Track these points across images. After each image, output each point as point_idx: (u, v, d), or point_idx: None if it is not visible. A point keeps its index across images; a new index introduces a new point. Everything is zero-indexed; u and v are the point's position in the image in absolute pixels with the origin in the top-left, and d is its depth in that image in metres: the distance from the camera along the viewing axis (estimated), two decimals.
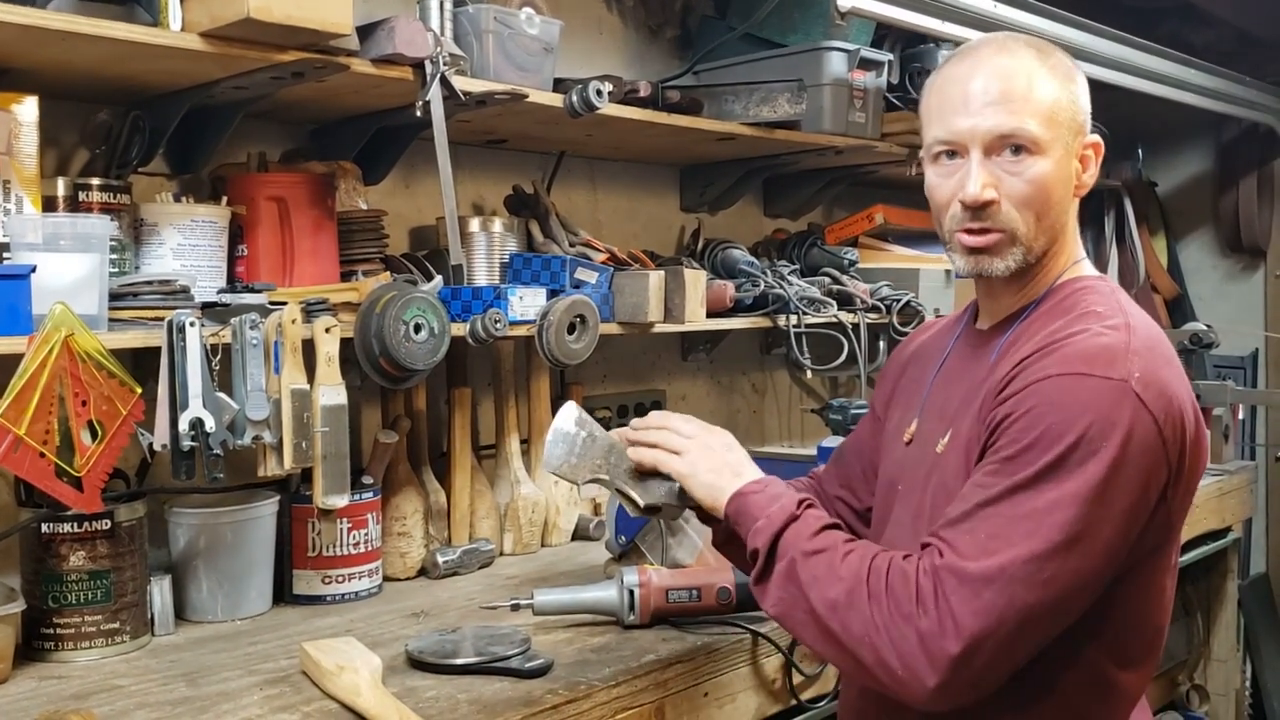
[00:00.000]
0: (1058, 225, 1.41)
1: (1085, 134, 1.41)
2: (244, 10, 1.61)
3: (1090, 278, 1.45)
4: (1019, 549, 1.21)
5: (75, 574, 1.72)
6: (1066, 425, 1.23)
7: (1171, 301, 4.34)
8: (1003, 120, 1.36)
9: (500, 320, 2.10)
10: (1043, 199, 1.38)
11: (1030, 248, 1.40)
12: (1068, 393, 1.25)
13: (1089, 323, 1.33)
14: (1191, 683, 3.40)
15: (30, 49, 1.65)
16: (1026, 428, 1.26)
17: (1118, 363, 1.26)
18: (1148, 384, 1.26)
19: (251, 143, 2.15)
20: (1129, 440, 1.23)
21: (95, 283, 1.69)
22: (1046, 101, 1.37)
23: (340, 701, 1.53)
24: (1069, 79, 1.40)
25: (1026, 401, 1.27)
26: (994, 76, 1.38)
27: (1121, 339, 1.30)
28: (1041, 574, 1.21)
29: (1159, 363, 1.30)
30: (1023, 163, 1.36)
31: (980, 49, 1.43)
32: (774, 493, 1.44)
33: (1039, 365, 1.29)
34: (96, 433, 1.64)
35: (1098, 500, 1.22)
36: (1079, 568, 1.22)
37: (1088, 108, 1.42)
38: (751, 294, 2.72)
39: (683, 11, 3.01)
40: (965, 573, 1.22)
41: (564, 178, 2.72)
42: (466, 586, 2.17)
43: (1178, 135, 4.32)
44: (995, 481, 1.26)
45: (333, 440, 1.89)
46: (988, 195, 1.37)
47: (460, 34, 2.10)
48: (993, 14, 2.61)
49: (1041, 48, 1.42)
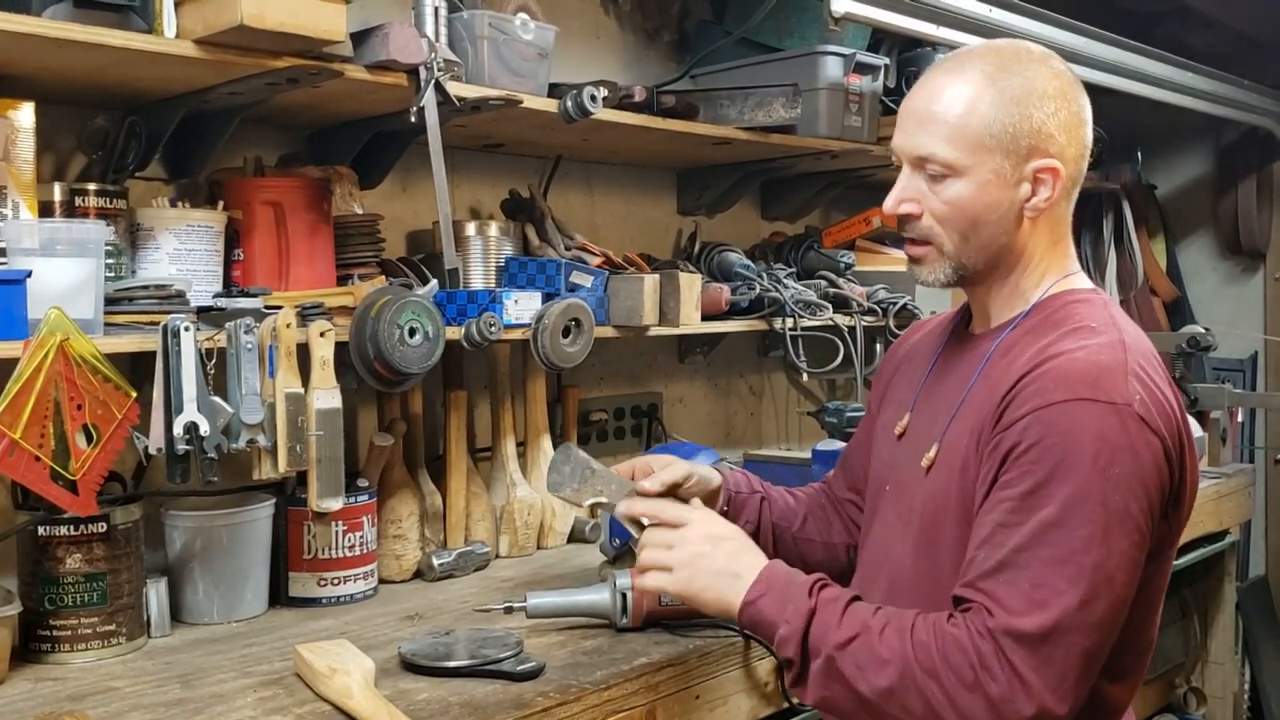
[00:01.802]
0: (997, 246, 1.41)
1: (1041, 157, 1.38)
2: (237, 18, 1.62)
3: (1083, 290, 1.45)
4: (1067, 597, 1.22)
5: (71, 576, 1.73)
6: (1081, 456, 1.24)
7: (1170, 304, 4.34)
8: (920, 142, 1.40)
9: (495, 324, 2.11)
10: (964, 220, 1.39)
11: (962, 264, 1.42)
12: (1076, 422, 1.25)
13: (1083, 338, 1.33)
14: (1189, 685, 3.41)
15: (26, 56, 1.66)
16: (1039, 460, 1.26)
17: (1119, 385, 1.27)
18: (1149, 405, 1.27)
19: (248, 148, 2.16)
20: (1142, 466, 1.25)
21: (91, 287, 1.70)
22: (973, 126, 1.36)
23: (332, 704, 1.54)
24: (1020, 102, 1.37)
25: (1033, 430, 1.27)
26: (928, 97, 1.41)
27: (1119, 358, 1.30)
28: (1092, 616, 1.23)
29: (1157, 380, 1.31)
30: (941, 183, 1.39)
31: (940, 65, 1.45)
32: (781, 590, 1.38)
33: (1039, 389, 1.29)
34: (92, 436, 1.66)
35: (1123, 531, 1.24)
36: (1120, 598, 1.25)
37: (1053, 129, 1.38)
38: (747, 297, 2.73)
39: (680, 16, 3.02)
40: (1022, 633, 1.22)
41: (561, 181, 2.73)
42: (462, 589, 2.18)
43: (1177, 138, 4.33)
44: (1021, 520, 1.25)
45: (327, 444, 1.90)
46: (901, 210, 1.43)
47: (455, 39, 2.11)
48: (987, 18, 2.62)
49: (1005, 67, 1.39)
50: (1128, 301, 4.17)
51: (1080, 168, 1.43)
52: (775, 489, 1.79)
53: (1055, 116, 1.38)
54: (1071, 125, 1.40)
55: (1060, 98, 1.39)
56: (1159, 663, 3.27)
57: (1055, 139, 1.38)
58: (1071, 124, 1.40)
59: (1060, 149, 1.39)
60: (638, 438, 2.96)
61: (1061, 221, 1.46)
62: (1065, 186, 1.42)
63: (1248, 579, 4.01)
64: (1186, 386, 3.37)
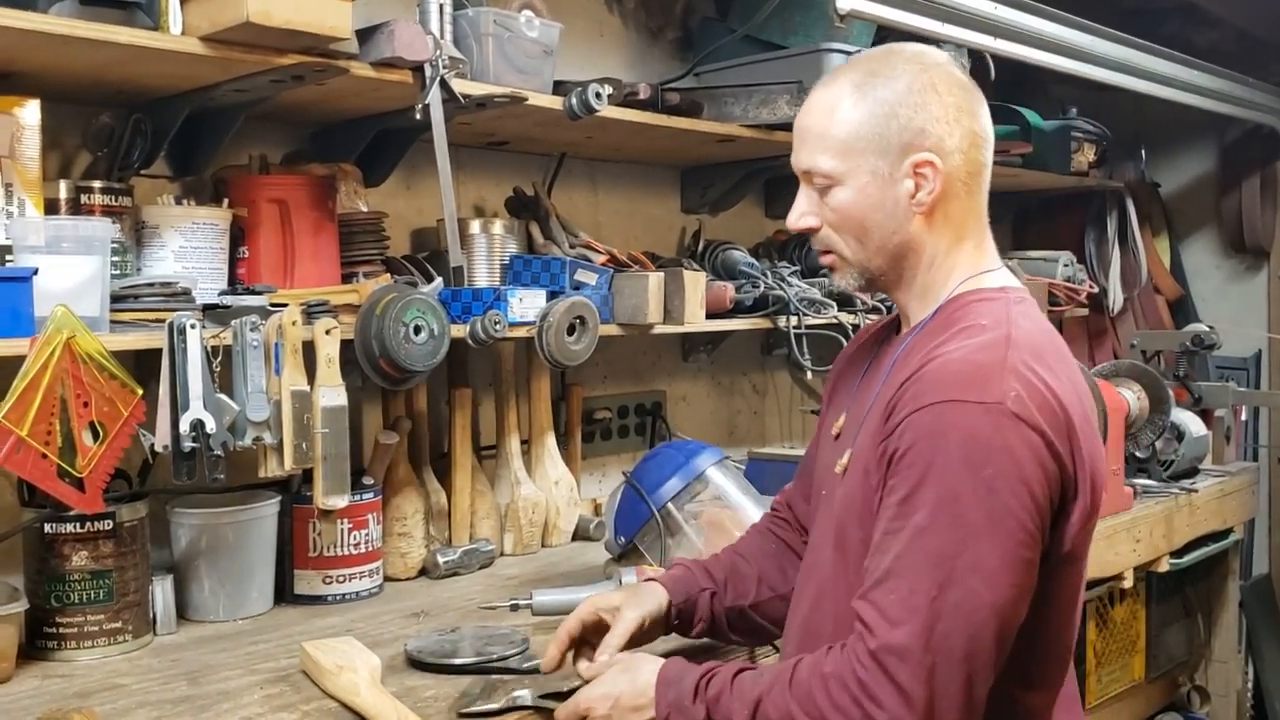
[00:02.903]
0: (892, 245, 1.41)
1: (917, 151, 1.37)
2: (243, 15, 1.62)
3: (989, 289, 1.41)
4: (941, 601, 1.19)
5: (78, 574, 1.73)
6: (950, 458, 1.22)
7: (1174, 302, 4.34)
8: (801, 158, 1.44)
9: (499, 322, 2.11)
10: (854, 224, 1.41)
11: (865, 268, 1.44)
12: (945, 423, 1.24)
13: (967, 337, 1.32)
14: (1192, 684, 3.40)
15: (32, 53, 1.66)
16: (911, 465, 1.25)
17: (992, 383, 1.25)
18: (1026, 400, 1.24)
19: (253, 145, 2.16)
20: (1019, 464, 1.22)
21: (97, 285, 1.70)
22: (843, 133, 1.39)
23: (339, 700, 1.55)
24: (884, 103, 1.37)
25: (907, 435, 1.26)
26: (804, 112, 1.44)
27: (997, 355, 1.28)
28: (974, 619, 1.20)
29: (1044, 374, 1.28)
30: (828, 194, 1.42)
31: (819, 82, 1.46)
32: (678, 705, 1.35)
33: (915, 392, 1.28)
34: (98, 434, 1.66)
35: (1004, 531, 1.21)
36: (1006, 599, 1.21)
37: (924, 123, 1.37)
38: (752, 295, 2.73)
39: (684, 13, 3.02)
40: (900, 646, 1.19)
41: (565, 179, 2.73)
42: (467, 587, 2.19)
43: (1180, 136, 4.32)
44: (899, 527, 1.24)
45: (333, 441, 1.90)
46: (801, 224, 1.45)
47: (460, 37, 2.11)
48: (992, 15, 2.61)
49: (872, 72, 1.40)
50: (1131, 300, 4.17)
51: (974, 158, 1.40)
52: (724, 563, 1.70)
53: (925, 110, 1.37)
54: (948, 117, 1.38)
55: (930, 91, 1.38)
56: (1163, 661, 3.27)
57: (929, 133, 1.37)
58: (948, 116, 1.38)
59: (937, 142, 1.37)
60: (641, 436, 2.96)
61: (967, 217, 1.43)
62: (959, 178, 1.39)
63: (1251, 577, 4.01)
64: (1190, 385, 3.37)
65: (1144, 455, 3.07)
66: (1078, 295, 3.66)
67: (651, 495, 2.10)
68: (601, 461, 2.87)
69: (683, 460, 2.17)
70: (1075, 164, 3.73)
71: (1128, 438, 2.97)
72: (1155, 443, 3.07)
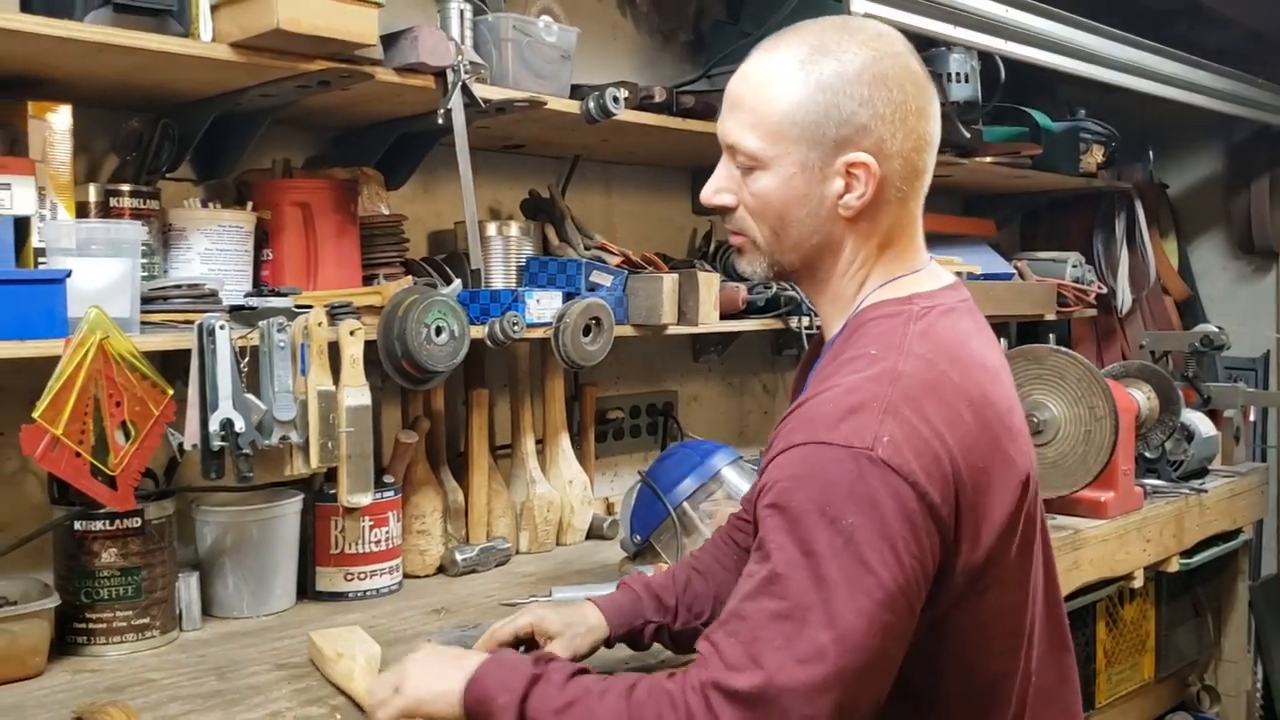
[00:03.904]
0: (809, 245, 1.31)
1: (853, 150, 1.25)
2: (273, 22, 1.65)
3: (890, 303, 1.30)
4: (783, 655, 1.09)
5: (107, 570, 1.77)
6: (808, 505, 1.12)
7: (1182, 303, 4.35)
8: (729, 128, 1.32)
9: (517, 323, 2.14)
10: (772, 214, 1.30)
11: (775, 260, 1.33)
12: (808, 466, 1.14)
13: (852, 370, 1.21)
14: (1202, 683, 3.43)
15: (66, 59, 1.69)
16: (771, 506, 1.15)
17: (865, 427, 1.14)
18: (900, 444, 1.14)
19: (277, 149, 2.19)
20: (882, 516, 1.12)
21: (127, 287, 1.73)
22: (777, 114, 1.26)
23: (336, 686, 1.59)
24: (829, 89, 1.24)
25: (772, 474, 1.17)
26: (740, 78, 1.31)
27: (876, 392, 1.17)
28: (811, 679, 1.09)
29: (928, 412, 1.17)
30: (750, 174, 1.30)
31: (761, 43, 1.33)
32: (506, 664, 1.27)
33: (788, 430, 1.19)
34: (129, 433, 1.69)
35: (860, 587, 1.10)
36: (863, 664, 1.11)
37: (866, 119, 1.25)
38: (763, 296, 2.75)
39: (695, 17, 3.04)
40: (733, 690, 1.10)
41: (579, 181, 2.75)
42: (484, 584, 2.21)
43: (1189, 137, 4.34)
44: (753, 570, 1.15)
45: (357, 440, 1.93)
46: (715, 200, 1.35)
47: (480, 42, 2.14)
48: (1003, 18, 2.64)
49: (822, 48, 1.26)
50: (1140, 300, 4.19)
51: (914, 163, 1.29)
52: (679, 580, 1.62)
53: (870, 105, 1.24)
54: (895, 116, 1.25)
55: (879, 84, 1.25)
56: (1173, 660, 3.29)
57: (871, 131, 1.25)
58: (895, 115, 1.25)
59: (877, 143, 1.25)
60: (653, 435, 2.99)
61: (897, 223, 1.32)
62: (894, 184, 1.28)
63: (1260, 577, 4.03)
64: (1199, 385, 3.39)
65: (1154, 455, 3.09)
66: (1086, 296, 3.69)
67: (667, 495, 2.13)
68: (614, 461, 2.90)
69: (698, 460, 2.19)
70: (1084, 165, 3.76)
71: (1138, 438, 3.00)
72: (1165, 443, 3.09)
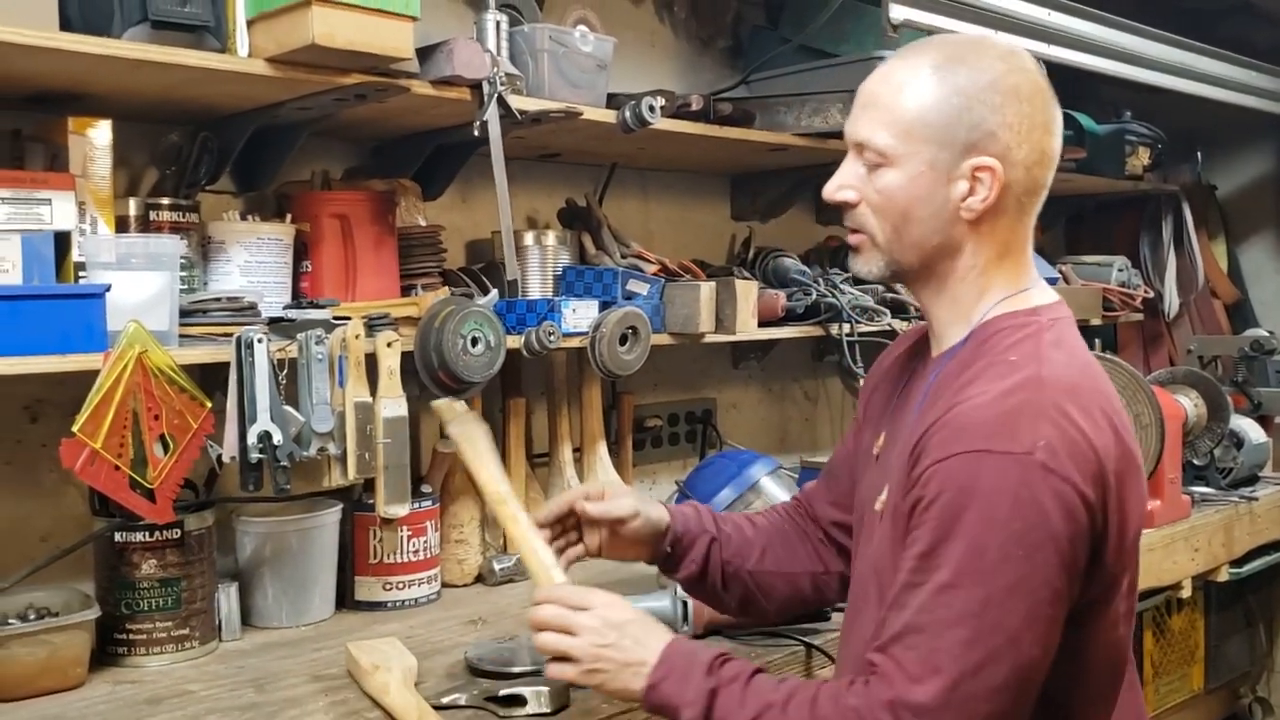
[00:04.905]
0: (930, 246, 1.34)
1: (980, 154, 1.29)
2: (309, 37, 1.66)
3: (1021, 313, 1.34)
4: (963, 661, 1.16)
5: (147, 581, 1.78)
6: (976, 514, 1.17)
7: (1232, 307, 4.27)
8: (859, 127, 1.35)
9: (554, 332, 2.14)
10: (895, 211, 1.33)
11: (894, 259, 1.36)
12: (972, 475, 1.19)
13: (995, 379, 1.25)
14: (1254, 695, 3.37)
15: (106, 76, 1.70)
16: (936, 518, 1.20)
17: (1021, 433, 1.19)
18: (1058, 448, 1.19)
19: (315, 161, 2.21)
20: (1048, 518, 1.17)
21: (166, 300, 1.75)
22: (909, 113, 1.30)
23: (372, 699, 1.60)
24: (963, 93, 1.29)
25: (932, 486, 1.21)
26: (876, 80, 1.36)
27: (1028, 399, 1.22)
28: (994, 680, 1.16)
29: (1077, 418, 1.22)
30: (876, 171, 1.33)
31: (899, 50, 1.39)
32: (683, 671, 1.30)
33: (941, 440, 1.23)
34: (168, 446, 1.70)
35: (1028, 589, 1.17)
36: (1029, 659, 1.18)
37: (995, 127, 1.29)
38: (803, 303, 2.73)
39: (734, 23, 3.03)
40: (917, 704, 1.16)
41: (616, 189, 2.75)
42: (522, 593, 2.21)
43: (1238, 137, 4.26)
44: (921, 580, 1.20)
45: (394, 451, 1.94)
46: (838, 196, 1.37)
47: (516, 53, 2.13)
48: (1046, 22, 2.60)
49: (957, 57, 1.32)
50: (1187, 304, 4.12)
51: (1036, 177, 1.33)
52: (732, 521, 1.67)
53: (1000, 113, 1.29)
54: (1023, 128, 1.30)
55: (1011, 95, 1.30)
56: (1223, 671, 3.23)
57: (999, 138, 1.29)
58: (1023, 126, 1.30)
59: (1003, 151, 1.30)
60: (692, 443, 2.98)
61: (1014, 235, 1.36)
62: (1015, 194, 1.32)
63: None
64: (1249, 391, 3.33)
65: (1202, 463, 3.04)
66: (1132, 300, 3.63)
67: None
68: (652, 469, 2.89)
69: (735, 470, 2.18)
70: (1129, 168, 3.70)
71: (1185, 445, 2.95)
72: (1213, 450, 3.04)
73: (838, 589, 1.63)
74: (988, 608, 1.16)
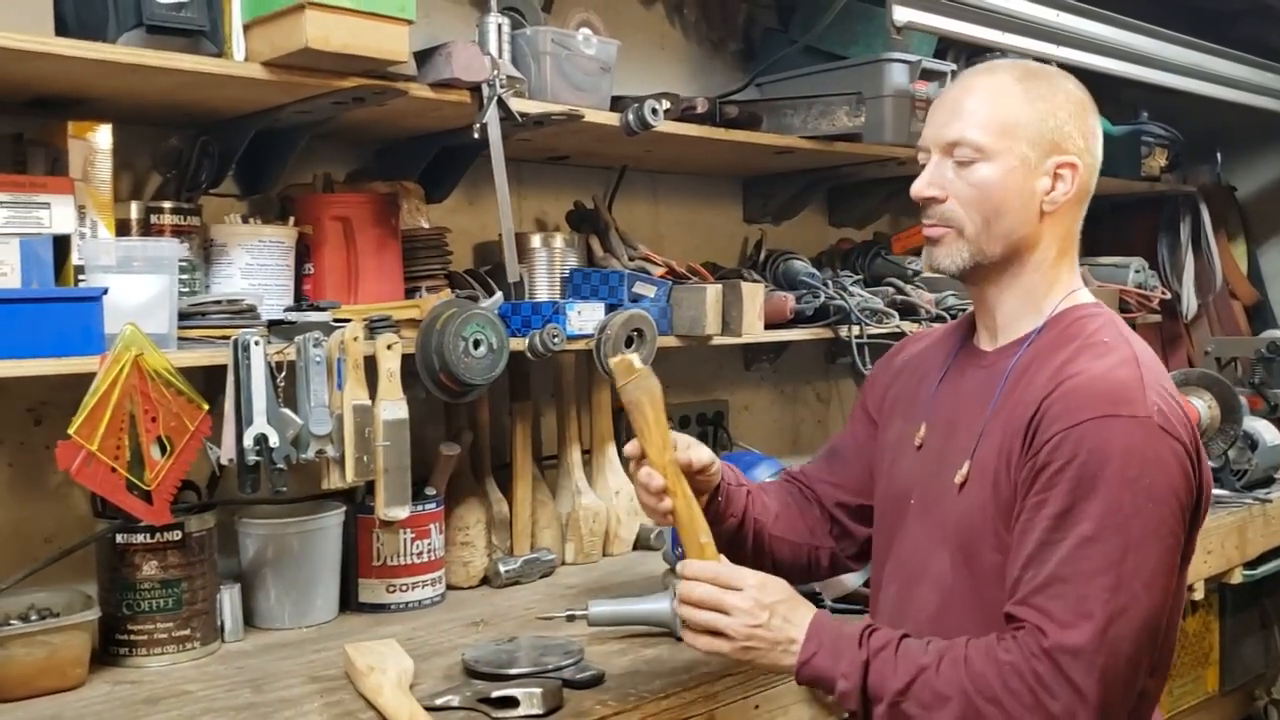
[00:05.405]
0: (1016, 237, 1.46)
1: (1060, 154, 1.44)
2: (302, 41, 1.67)
3: (1089, 305, 1.49)
4: (1110, 605, 1.28)
5: (148, 582, 1.79)
6: (1111, 471, 1.29)
7: (1251, 308, 4.23)
8: (951, 129, 1.46)
9: (558, 335, 2.14)
10: (989, 203, 1.44)
11: (980, 248, 1.46)
12: (1104, 438, 1.31)
13: (1097, 355, 1.38)
14: (1269, 697, 3.32)
15: (104, 80, 1.72)
16: (1074, 478, 1.31)
17: (1138, 399, 1.33)
18: (1168, 415, 1.33)
19: (317, 164, 2.21)
20: (1170, 474, 1.31)
21: (165, 303, 1.76)
22: (1002, 115, 1.44)
23: (367, 700, 1.60)
24: (1045, 100, 1.45)
25: (1064, 449, 1.32)
26: (961, 91, 1.49)
27: (1135, 373, 1.36)
28: (1136, 621, 1.29)
29: (1169, 391, 1.38)
30: (969, 167, 1.45)
31: (972, 69, 1.54)
32: (833, 644, 1.39)
33: (1064, 408, 1.34)
34: (165, 448, 1.71)
35: (1158, 538, 1.30)
36: (1159, 602, 1.31)
37: (1073, 131, 1.45)
38: (813, 305, 2.72)
39: (745, 25, 3.03)
40: (1074, 646, 1.27)
41: (626, 191, 2.75)
42: (527, 595, 2.21)
43: (1258, 138, 4.21)
44: (1061, 537, 1.30)
45: (394, 454, 1.94)
46: (928, 192, 1.47)
47: (518, 55, 2.14)
48: (1054, 23, 2.58)
49: (1032, 73, 1.48)
50: (1206, 306, 4.08)
51: (1088, 183, 1.48)
52: (749, 485, 1.73)
53: (1074, 121, 1.46)
54: (1088, 134, 1.47)
55: (1080, 107, 1.47)
56: (1238, 673, 3.20)
57: (1075, 140, 1.45)
58: (1088, 133, 1.47)
59: (1079, 150, 1.46)
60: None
61: (1071, 231, 1.51)
62: (1081, 189, 1.47)
63: None
64: (1266, 392, 3.29)
65: (1215, 465, 3.01)
66: (1149, 301, 3.60)
67: None
68: None
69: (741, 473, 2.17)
70: (1146, 169, 3.67)
71: None
72: (1227, 451, 3.01)
73: (826, 566, 1.73)
74: (1126, 556, 1.28)
